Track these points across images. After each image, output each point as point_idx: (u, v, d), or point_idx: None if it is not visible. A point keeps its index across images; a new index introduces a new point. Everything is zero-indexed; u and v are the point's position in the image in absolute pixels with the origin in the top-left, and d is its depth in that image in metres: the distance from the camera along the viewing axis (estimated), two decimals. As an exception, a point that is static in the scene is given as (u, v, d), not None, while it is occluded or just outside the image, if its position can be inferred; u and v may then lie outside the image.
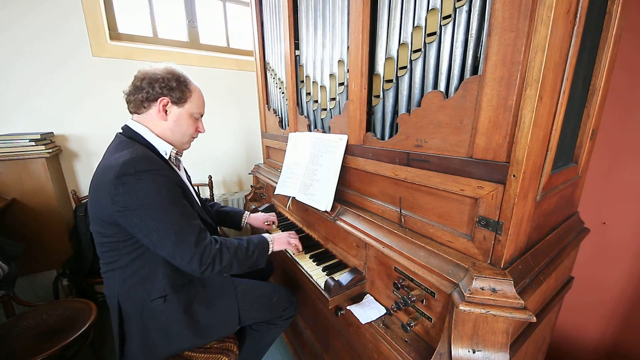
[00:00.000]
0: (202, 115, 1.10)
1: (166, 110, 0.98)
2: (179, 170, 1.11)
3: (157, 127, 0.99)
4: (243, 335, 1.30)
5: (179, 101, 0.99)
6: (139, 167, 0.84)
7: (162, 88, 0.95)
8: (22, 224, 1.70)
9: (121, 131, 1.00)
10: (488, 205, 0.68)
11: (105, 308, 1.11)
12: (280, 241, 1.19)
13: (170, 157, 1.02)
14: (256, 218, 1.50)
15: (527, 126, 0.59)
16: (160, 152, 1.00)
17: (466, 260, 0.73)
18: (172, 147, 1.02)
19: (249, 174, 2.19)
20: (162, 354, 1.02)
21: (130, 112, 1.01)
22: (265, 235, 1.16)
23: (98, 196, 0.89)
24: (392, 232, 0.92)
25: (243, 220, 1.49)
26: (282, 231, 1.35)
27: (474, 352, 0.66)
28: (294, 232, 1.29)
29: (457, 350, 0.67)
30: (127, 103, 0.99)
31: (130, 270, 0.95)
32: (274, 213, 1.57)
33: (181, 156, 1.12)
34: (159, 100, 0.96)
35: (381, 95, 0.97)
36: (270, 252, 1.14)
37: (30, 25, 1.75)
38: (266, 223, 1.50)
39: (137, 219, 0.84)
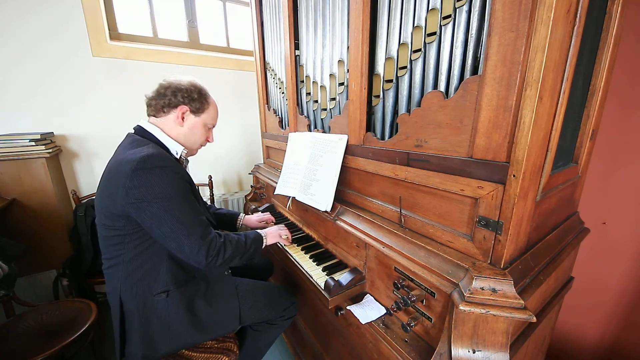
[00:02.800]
0: (213, 126, 1.19)
1: (184, 118, 1.06)
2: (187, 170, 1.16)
3: (172, 131, 1.06)
4: (243, 335, 1.30)
5: (197, 111, 1.08)
6: (155, 162, 0.89)
7: (184, 98, 1.04)
8: (22, 224, 1.70)
9: (133, 131, 1.06)
10: (488, 205, 0.68)
11: (105, 308, 1.11)
12: (272, 235, 1.26)
13: (180, 157, 1.09)
14: (250, 219, 1.52)
15: (527, 126, 0.59)
16: (172, 151, 1.06)
17: (466, 260, 0.73)
18: (183, 148, 1.09)
19: (249, 174, 2.19)
20: (163, 350, 1.02)
21: (148, 115, 1.08)
22: (259, 230, 1.23)
23: (110, 189, 0.92)
24: (392, 232, 0.92)
25: (238, 222, 1.51)
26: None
27: (474, 352, 0.66)
28: (282, 224, 1.37)
29: (457, 350, 0.67)
30: (147, 106, 1.07)
31: (134, 265, 0.97)
32: (268, 213, 1.58)
33: (188, 161, 1.19)
34: (179, 107, 1.04)
35: (381, 95, 0.97)
36: (264, 246, 1.20)
37: (30, 25, 1.75)
38: (261, 223, 1.52)
39: (150, 211, 0.88)
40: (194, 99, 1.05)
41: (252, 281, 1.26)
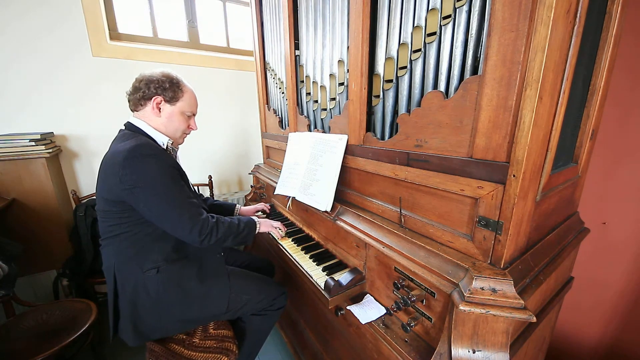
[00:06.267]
0: (194, 115, 1.22)
1: (159, 108, 1.11)
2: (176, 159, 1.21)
3: (153, 122, 1.12)
4: (238, 333, 1.30)
5: (171, 100, 1.11)
6: (144, 151, 0.97)
7: (156, 88, 1.08)
8: (22, 224, 1.70)
9: (124, 127, 1.12)
10: (488, 205, 0.68)
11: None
12: (265, 224, 1.33)
13: (167, 147, 1.14)
14: (247, 209, 1.60)
15: (527, 126, 0.59)
16: (159, 142, 1.11)
17: (466, 260, 0.73)
18: (169, 138, 1.14)
19: (249, 174, 2.19)
20: (152, 326, 1.06)
21: (131, 110, 1.14)
22: (253, 217, 1.30)
23: (106, 179, 1.00)
24: (392, 232, 0.92)
25: (235, 212, 1.57)
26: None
27: (474, 352, 0.66)
28: (279, 222, 1.42)
29: (457, 350, 0.67)
30: (128, 102, 1.12)
31: (127, 243, 1.04)
32: (262, 203, 1.63)
33: (177, 150, 1.23)
34: (153, 98, 1.09)
35: (381, 95, 0.97)
36: (257, 231, 1.27)
37: (30, 25, 1.75)
38: (257, 213, 1.61)
39: (143, 195, 0.96)
40: (166, 88, 1.09)
41: (244, 270, 1.31)
